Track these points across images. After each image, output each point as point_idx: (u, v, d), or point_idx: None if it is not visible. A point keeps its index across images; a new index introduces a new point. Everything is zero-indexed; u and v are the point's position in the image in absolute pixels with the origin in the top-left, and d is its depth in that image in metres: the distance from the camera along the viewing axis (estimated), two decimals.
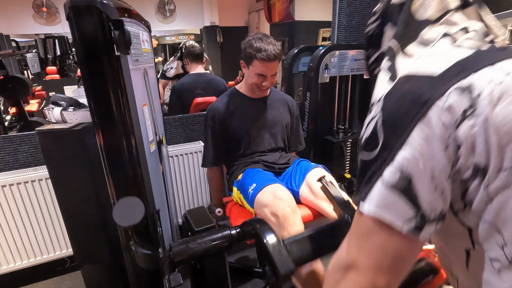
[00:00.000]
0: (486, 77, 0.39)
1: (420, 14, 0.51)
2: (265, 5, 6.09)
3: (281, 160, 1.44)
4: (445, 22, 0.50)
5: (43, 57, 5.86)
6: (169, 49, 6.79)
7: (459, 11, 0.50)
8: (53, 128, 1.09)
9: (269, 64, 1.28)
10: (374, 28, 0.62)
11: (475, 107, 0.38)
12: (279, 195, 1.16)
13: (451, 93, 0.39)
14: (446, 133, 0.39)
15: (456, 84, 0.39)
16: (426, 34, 0.50)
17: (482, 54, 0.43)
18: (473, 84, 0.39)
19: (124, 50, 0.80)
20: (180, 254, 0.80)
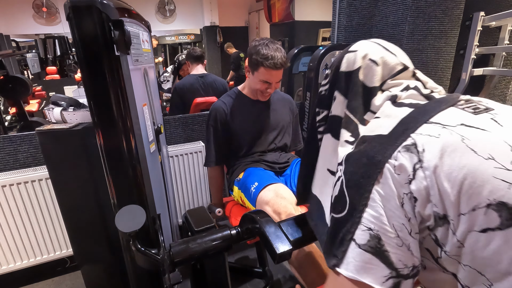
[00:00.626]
0: (426, 132, 0.44)
1: (368, 82, 0.58)
2: (265, 5, 6.09)
3: (281, 159, 1.45)
4: (388, 86, 0.57)
5: (43, 57, 5.87)
6: (169, 49, 6.78)
7: (399, 75, 0.57)
8: (53, 128, 1.09)
9: (275, 72, 1.28)
10: (324, 91, 0.67)
11: (422, 161, 0.42)
12: (282, 194, 1.17)
13: (399, 152, 0.44)
14: (401, 190, 0.43)
15: (402, 143, 0.44)
16: (375, 100, 0.56)
17: (420, 111, 0.49)
18: (416, 141, 0.44)
19: (124, 50, 0.80)
20: (180, 254, 0.80)
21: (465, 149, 0.41)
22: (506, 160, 0.39)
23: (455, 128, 0.44)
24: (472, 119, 0.45)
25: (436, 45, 2.01)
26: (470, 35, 2.15)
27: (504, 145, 0.40)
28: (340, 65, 0.62)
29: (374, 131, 0.51)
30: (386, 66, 0.57)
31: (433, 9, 1.89)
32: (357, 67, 0.59)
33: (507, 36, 2.18)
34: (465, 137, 0.42)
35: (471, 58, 2.16)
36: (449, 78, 2.16)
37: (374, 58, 0.57)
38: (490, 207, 0.38)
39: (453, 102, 0.50)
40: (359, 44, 0.61)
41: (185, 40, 6.64)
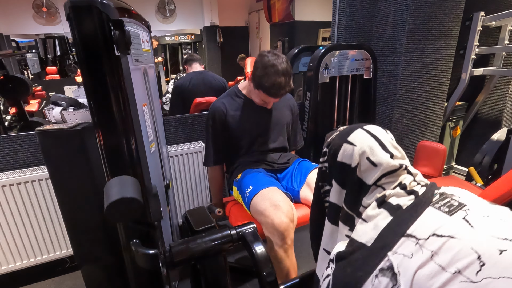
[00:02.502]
0: (401, 251, 0.49)
1: (366, 179, 0.61)
2: (265, 5, 6.09)
3: (281, 160, 1.45)
4: (382, 182, 0.60)
5: (43, 57, 5.86)
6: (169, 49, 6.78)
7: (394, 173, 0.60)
8: (53, 128, 1.09)
9: (275, 98, 1.30)
10: (324, 167, 0.71)
11: (399, 285, 0.46)
12: (276, 201, 1.16)
13: (376, 277, 0.49)
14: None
15: (380, 263, 0.50)
16: (368, 198, 0.60)
17: (398, 221, 0.53)
18: (393, 263, 0.48)
19: (124, 50, 0.80)
20: (180, 254, 0.80)
21: (434, 266, 0.45)
22: (472, 272, 0.41)
23: (427, 241, 0.48)
24: (445, 223, 0.49)
25: (436, 45, 2.01)
26: (470, 35, 2.15)
27: (471, 254, 0.43)
28: (337, 153, 0.65)
29: (360, 237, 0.57)
30: (383, 168, 0.59)
31: (433, 9, 1.89)
32: (355, 164, 0.61)
33: (507, 36, 2.18)
34: (435, 252, 0.46)
35: (471, 58, 2.16)
36: (449, 78, 2.17)
37: (372, 159, 0.60)
38: None
39: (429, 201, 0.54)
40: (356, 136, 0.63)
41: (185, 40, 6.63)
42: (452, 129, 2.57)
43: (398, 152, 0.63)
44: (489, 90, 2.40)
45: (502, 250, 0.42)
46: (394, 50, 1.99)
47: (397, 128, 2.14)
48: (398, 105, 2.07)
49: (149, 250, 0.82)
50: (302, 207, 1.32)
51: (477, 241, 0.44)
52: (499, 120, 2.47)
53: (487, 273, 0.41)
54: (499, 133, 1.99)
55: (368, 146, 0.61)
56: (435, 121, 2.26)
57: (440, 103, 2.22)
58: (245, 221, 1.13)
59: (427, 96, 2.14)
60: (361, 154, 0.61)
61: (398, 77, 2.00)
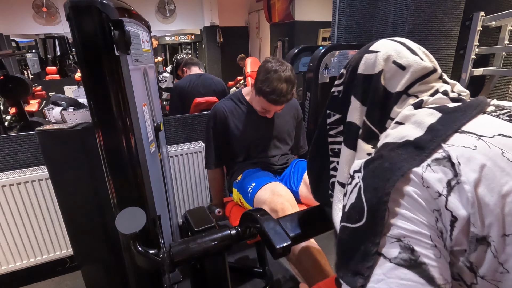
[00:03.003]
0: (460, 143, 0.39)
1: (391, 87, 0.51)
2: (265, 5, 6.09)
3: (280, 161, 1.44)
4: (416, 90, 0.51)
5: (43, 57, 5.87)
6: (169, 49, 6.78)
7: (427, 78, 0.51)
8: (53, 128, 1.09)
9: (276, 106, 1.25)
10: (338, 92, 0.60)
11: (460, 175, 0.37)
12: (278, 192, 1.17)
13: (429, 165, 0.39)
14: (433, 205, 0.38)
15: (432, 154, 0.39)
16: (400, 107, 0.51)
17: (450, 117, 0.43)
18: (450, 154, 0.39)
19: (124, 50, 0.80)
20: (180, 254, 0.80)
21: (506, 164, 0.36)
22: None
23: (493, 139, 0.39)
24: (510, 128, 0.40)
25: (436, 45, 2.01)
26: (470, 35, 2.15)
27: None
28: (357, 66, 0.56)
29: (398, 138, 0.45)
30: (413, 70, 0.50)
31: (433, 9, 1.89)
32: (379, 70, 0.52)
33: (507, 36, 2.18)
34: (505, 150, 0.37)
35: (471, 58, 2.16)
36: (449, 78, 2.17)
37: (400, 61, 0.51)
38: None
39: (483, 107, 0.45)
40: (380, 43, 0.55)
41: (185, 40, 6.64)
42: None
43: (429, 59, 0.53)
44: (489, 90, 2.40)
45: None
46: None
47: None
48: None
49: (149, 250, 0.82)
50: (302, 207, 1.32)
51: None
52: None
53: None
54: None
55: (394, 49, 0.52)
56: None
57: None
58: None
59: None
60: (386, 59, 0.52)
61: None
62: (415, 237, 0.38)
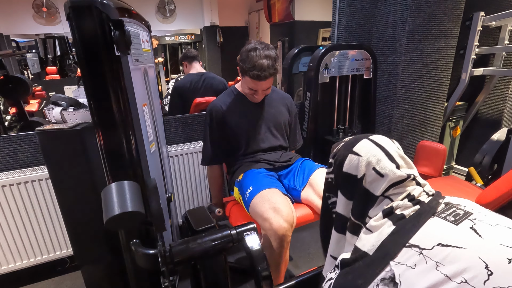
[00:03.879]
0: (404, 261, 0.47)
1: (372, 190, 0.59)
2: (265, 5, 6.08)
3: (282, 158, 1.44)
4: (390, 193, 0.58)
5: (43, 57, 5.86)
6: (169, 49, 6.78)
7: (402, 184, 0.58)
8: (53, 128, 1.09)
9: (261, 83, 1.27)
10: (330, 179, 0.70)
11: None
12: (275, 204, 1.15)
13: (378, 284, 0.48)
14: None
15: (381, 273, 0.49)
16: (374, 210, 0.59)
17: (401, 230, 0.52)
18: (395, 273, 0.47)
19: (124, 50, 0.80)
20: (180, 254, 0.80)
21: (439, 276, 0.43)
22: (479, 281, 0.40)
23: (431, 251, 0.46)
24: (451, 232, 0.48)
25: (436, 45, 2.01)
26: (470, 35, 2.15)
27: (479, 264, 0.42)
28: (343, 164, 0.64)
29: (364, 246, 0.56)
30: (389, 178, 0.58)
31: (433, 9, 1.89)
32: (361, 175, 0.60)
33: (507, 36, 2.18)
34: (439, 263, 0.44)
35: (471, 58, 2.16)
36: (449, 78, 2.17)
37: (379, 169, 0.59)
38: None
39: (434, 210, 0.53)
40: (362, 146, 0.62)
41: (185, 40, 6.63)
42: (452, 129, 2.57)
43: (405, 163, 0.61)
44: (489, 90, 2.40)
45: (510, 259, 0.41)
46: (394, 50, 1.99)
47: (397, 128, 2.14)
48: (398, 105, 2.07)
49: (149, 250, 0.82)
50: (302, 207, 1.32)
51: (484, 250, 0.43)
52: (499, 120, 2.46)
53: (495, 282, 0.40)
54: (499, 133, 1.99)
55: (374, 156, 0.60)
56: (435, 121, 2.26)
57: (440, 103, 2.22)
58: (245, 221, 1.13)
59: (427, 96, 2.14)
60: (367, 165, 0.60)
61: (398, 77, 2.00)
62: None
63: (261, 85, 1.29)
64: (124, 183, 0.75)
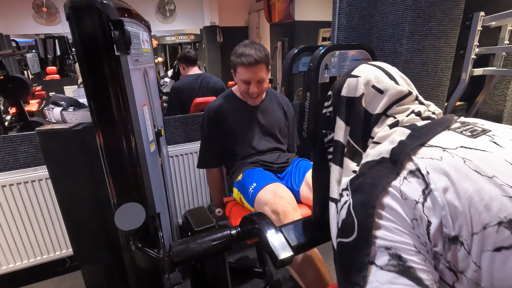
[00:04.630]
0: (428, 155, 0.44)
1: (371, 109, 0.57)
2: (265, 5, 6.08)
3: (280, 159, 1.44)
4: (394, 111, 0.56)
5: (43, 57, 5.86)
6: (169, 49, 6.78)
7: (403, 100, 0.57)
8: (53, 128, 1.09)
9: (252, 69, 1.23)
10: (329, 112, 0.66)
11: (430, 184, 0.42)
12: (280, 193, 1.17)
13: (405, 178, 0.44)
14: (410, 214, 0.42)
15: (405, 167, 0.45)
16: (379, 127, 0.56)
17: (417, 133, 0.49)
18: (420, 165, 0.44)
19: (124, 50, 0.80)
20: (180, 254, 0.80)
21: (468, 170, 0.41)
22: (510, 178, 0.39)
23: (456, 150, 0.44)
24: (471, 142, 0.45)
25: (436, 45, 2.00)
26: (470, 35, 2.15)
27: (506, 164, 0.40)
28: (341, 89, 0.61)
29: (376, 156, 0.51)
30: (390, 93, 0.56)
31: (433, 9, 1.89)
32: (360, 94, 0.58)
33: (507, 36, 2.18)
34: (466, 158, 0.42)
35: (471, 58, 2.16)
36: (449, 78, 2.16)
37: (378, 86, 0.57)
38: (501, 225, 0.37)
39: (448, 124, 0.51)
40: (361, 68, 0.61)
41: (185, 40, 6.63)
42: None
43: (406, 82, 0.59)
44: (489, 90, 2.40)
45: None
46: (394, 50, 1.99)
47: None
48: None
49: (149, 250, 0.82)
50: (303, 207, 1.32)
51: (509, 155, 0.42)
52: (499, 120, 2.46)
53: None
54: None
55: (373, 75, 0.58)
56: None
57: (440, 103, 2.22)
58: None
59: (427, 96, 2.13)
60: (366, 83, 0.58)
61: None
62: (400, 246, 0.42)
63: (254, 73, 1.25)
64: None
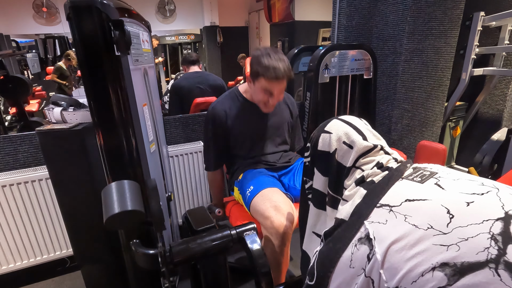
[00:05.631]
0: (377, 219, 0.52)
1: (344, 162, 0.65)
2: (265, 5, 6.09)
3: (282, 159, 1.44)
4: (360, 164, 0.63)
5: (43, 57, 5.87)
6: (169, 49, 6.78)
7: (369, 153, 0.64)
8: (53, 128, 1.09)
9: (278, 82, 1.20)
10: (308, 162, 0.75)
11: (375, 247, 0.49)
12: (276, 202, 1.15)
13: (355, 246, 0.52)
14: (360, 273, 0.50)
15: (357, 233, 0.53)
16: (349, 179, 0.64)
17: (372, 193, 0.57)
18: (369, 231, 0.51)
19: (124, 50, 0.80)
20: (180, 254, 0.80)
21: (408, 227, 0.47)
22: (443, 224, 0.45)
23: (400, 207, 0.51)
24: (417, 190, 0.53)
25: (436, 45, 2.00)
26: (470, 35, 2.15)
27: (441, 210, 0.46)
28: (317, 144, 0.70)
29: (341, 215, 0.60)
30: (357, 148, 0.63)
31: (433, 9, 1.89)
32: (333, 149, 0.66)
33: (507, 36, 2.18)
34: (407, 215, 0.49)
35: (471, 58, 2.16)
36: (449, 78, 2.17)
37: (348, 142, 0.65)
38: (435, 270, 0.42)
39: (401, 174, 0.58)
40: (332, 125, 0.70)
41: (185, 40, 6.63)
42: (452, 129, 2.57)
43: (373, 135, 0.67)
44: (489, 90, 2.40)
45: (469, 202, 0.47)
46: (394, 50, 1.99)
47: (397, 128, 2.14)
48: (398, 105, 2.07)
49: (149, 250, 0.82)
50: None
51: (446, 199, 0.48)
52: (499, 120, 2.46)
53: (456, 223, 0.44)
54: (499, 133, 1.99)
55: (343, 131, 0.67)
56: (435, 121, 2.26)
57: (440, 103, 2.22)
58: (245, 221, 1.13)
59: (427, 96, 2.13)
60: (337, 140, 0.66)
61: (398, 77, 2.00)
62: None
63: (277, 87, 1.22)
64: (124, 182, 0.75)
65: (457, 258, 0.41)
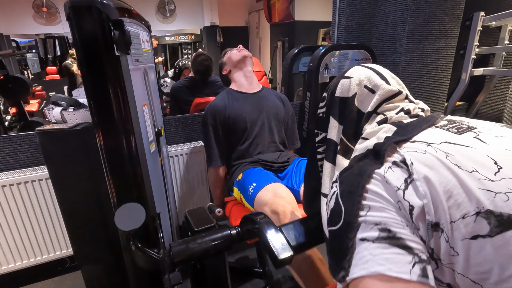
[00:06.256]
0: (414, 149, 0.47)
1: (363, 108, 0.61)
2: (265, 5, 6.08)
3: (280, 159, 1.45)
4: (384, 109, 0.59)
5: (43, 57, 5.87)
6: (169, 49, 6.78)
7: (393, 99, 0.60)
8: (53, 128, 1.09)
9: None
10: (322, 113, 0.70)
11: (413, 173, 0.44)
12: (280, 193, 1.17)
13: (390, 167, 0.46)
14: (395, 197, 0.45)
15: (390, 158, 0.47)
16: (369, 124, 0.59)
17: (402, 130, 0.52)
18: (405, 157, 0.46)
19: (124, 50, 0.80)
20: (180, 254, 0.80)
21: (449, 164, 0.43)
22: (490, 172, 0.41)
23: (439, 145, 0.46)
24: (455, 138, 0.48)
25: (436, 45, 2.00)
26: (470, 35, 2.15)
27: (487, 159, 0.42)
28: (335, 90, 0.65)
29: (362, 149, 0.54)
30: (381, 92, 0.59)
31: (433, 9, 1.89)
32: (353, 94, 0.61)
33: (507, 36, 2.18)
34: (449, 153, 0.44)
35: (471, 58, 2.16)
36: (449, 78, 2.16)
37: (370, 85, 0.60)
38: (479, 215, 0.39)
39: (434, 121, 0.54)
40: (353, 70, 0.64)
41: (185, 40, 6.63)
42: None
43: (397, 82, 0.63)
44: (489, 90, 2.40)
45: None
46: (394, 50, 1.99)
47: None
48: None
49: (149, 250, 0.82)
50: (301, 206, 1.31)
51: (492, 150, 0.44)
52: (499, 120, 2.47)
53: (505, 174, 0.40)
54: None
55: (365, 75, 0.62)
56: None
57: (440, 103, 2.22)
58: None
59: (427, 96, 2.13)
60: (358, 84, 0.61)
61: (398, 77, 2.00)
62: (388, 220, 0.44)
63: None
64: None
65: (504, 208, 0.38)
